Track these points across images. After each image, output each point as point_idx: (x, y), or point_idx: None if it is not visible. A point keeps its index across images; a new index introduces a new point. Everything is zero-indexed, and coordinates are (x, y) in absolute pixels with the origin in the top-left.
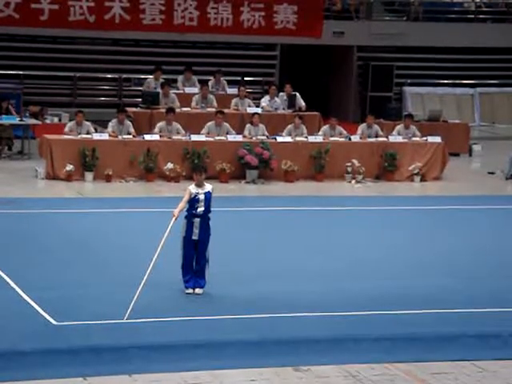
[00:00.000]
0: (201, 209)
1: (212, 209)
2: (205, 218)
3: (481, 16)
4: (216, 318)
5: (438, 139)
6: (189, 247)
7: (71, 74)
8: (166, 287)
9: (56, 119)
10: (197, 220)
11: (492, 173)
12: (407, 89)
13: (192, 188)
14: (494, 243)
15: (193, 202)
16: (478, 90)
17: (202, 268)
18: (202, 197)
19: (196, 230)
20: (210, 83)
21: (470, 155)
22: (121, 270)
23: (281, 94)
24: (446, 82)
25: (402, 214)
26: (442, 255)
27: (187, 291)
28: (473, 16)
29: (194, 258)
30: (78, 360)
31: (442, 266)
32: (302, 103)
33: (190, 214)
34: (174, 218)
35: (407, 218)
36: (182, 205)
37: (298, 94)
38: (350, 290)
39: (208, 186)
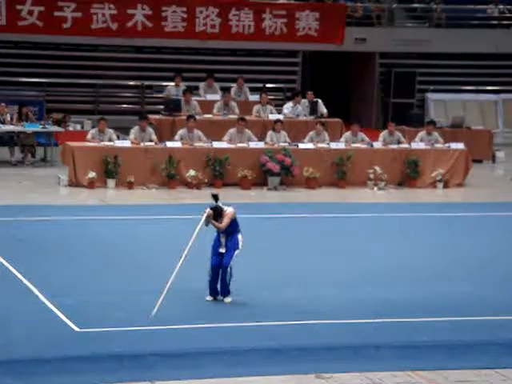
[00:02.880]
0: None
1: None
2: (229, 236)
3: (504, 22)
4: (238, 325)
5: (460, 146)
6: (215, 257)
7: (94, 81)
8: (187, 294)
9: (78, 126)
10: (222, 235)
11: None
12: (430, 95)
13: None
14: None
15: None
16: (502, 96)
17: (224, 278)
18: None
19: (223, 242)
20: (231, 90)
21: (494, 162)
22: (144, 276)
23: (303, 100)
24: (468, 88)
25: (424, 220)
26: (464, 262)
27: (207, 298)
28: (496, 22)
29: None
30: (99, 367)
31: (464, 273)
32: (324, 110)
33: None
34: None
35: (430, 225)
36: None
37: (320, 100)
38: (372, 297)
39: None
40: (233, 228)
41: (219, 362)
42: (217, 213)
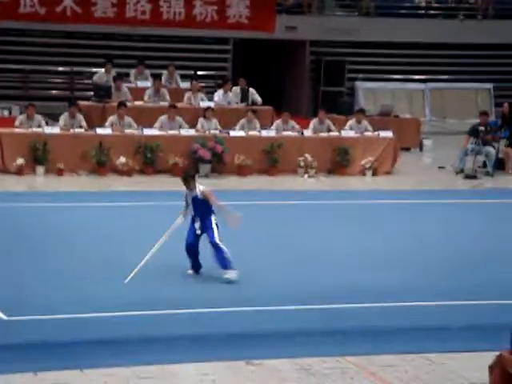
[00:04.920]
0: (191, 212)
1: (166, 203)
2: (203, 218)
3: (431, 12)
4: (168, 312)
5: (389, 134)
6: (191, 237)
7: (22, 66)
8: (120, 283)
9: (6, 112)
10: (197, 218)
11: (442, 167)
12: (359, 84)
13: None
14: (444, 237)
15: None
16: (429, 85)
17: (217, 254)
18: (189, 200)
19: (197, 226)
20: (162, 77)
21: (421, 150)
22: (73, 263)
23: (234, 88)
24: (397, 77)
25: (353, 207)
26: (391, 249)
27: (189, 271)
28: (423, 12)
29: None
30: (28, 355)
31: (391, 259)
32: (258, 98)
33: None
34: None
35: (359, 212)
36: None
37: (252, 89)
38: (303, 284)
39: (198, 189)
40: (207, 209)
41: (149, 349)
42: (186, 178)
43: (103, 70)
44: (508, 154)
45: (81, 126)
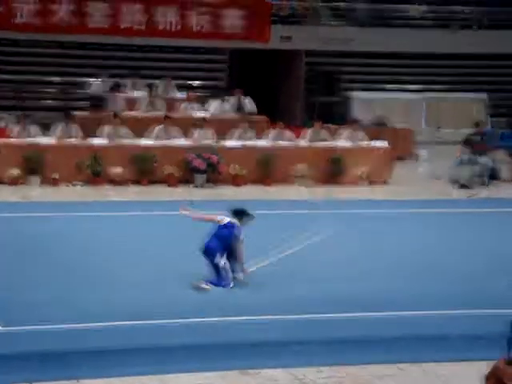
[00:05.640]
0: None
1: (161, 213)
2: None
3: (426, 22)
4: (162, 323)
5: (384, 144)
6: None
7: (16, 77)
8: (113, 292)
9: (1, 123)
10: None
11: (437, 177)
12: (354, 94)
13: (220, 217)
14: (439, 246)
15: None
16: (424, 95)
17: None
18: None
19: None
20: (158, 87)
21: (416, 160)
22: (69, 274)
23: (230, 98)
24: (392, 87)
25: (348, 217)
26: (387, 258)
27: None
28: (418, 22)
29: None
30: (24, 366)
31: (387, 268)
32: (253, 108)
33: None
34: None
35: (354, 222)
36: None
37: (248, 98)
38: (295, 294)
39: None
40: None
41: (143, 359)
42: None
43: (99, 80)
44: None
45: (76, 137)
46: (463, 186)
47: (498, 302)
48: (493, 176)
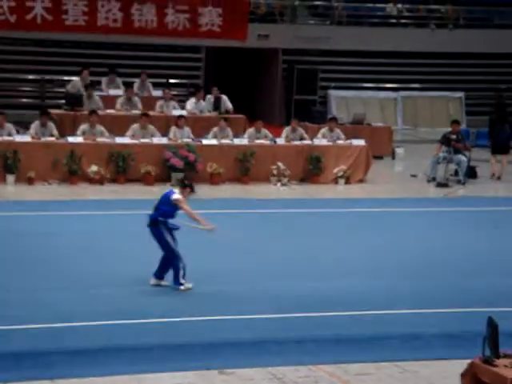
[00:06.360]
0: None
1: (137, 211)
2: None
3: (402, 21)
4: (140, 322)
5: (362, 142)
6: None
7: None
8: (91, 292)
9: None
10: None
11: (414, 175)
12: (332, 92)
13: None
14: (416, 245)
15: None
16: (401, 93)
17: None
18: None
19: None
20: (134, 85)
21: (393, 158)
22: (43, 274)
23: (208, 96)
24: (369, 85)
25: (326, 216)
26: (365, 257)
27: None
28: (395, 21)
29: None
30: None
31: (364, 267)
32: (230, 106)
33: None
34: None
35: (331, 221)
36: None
37: (225, 96)
38: (272, 292)
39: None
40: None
41: (121, 358)
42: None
43: (77, 78)
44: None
45: (52, 135)
46: (440, 185)
47: (476, 301)
48: (470, 175)
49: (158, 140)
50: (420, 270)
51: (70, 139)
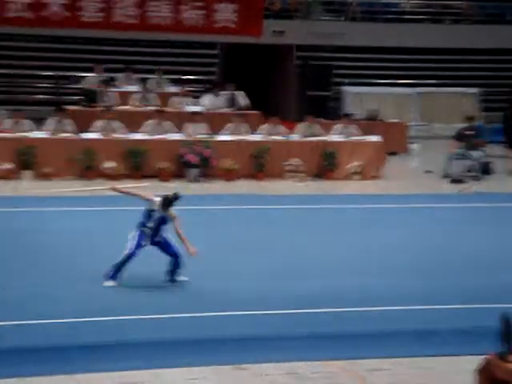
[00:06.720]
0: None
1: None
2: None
3: (417, 17)
4: (156, 317)
5: (376, 138)
6: (137, 248)
7: (9, 71)
8: (105, 286)
9: None
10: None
11: (429, 171)
12: (346, 88)
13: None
14: (431, 241)
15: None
16: (416, 89)
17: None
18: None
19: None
20: (150, 81)
21: (408, 154)
22: (61, 268)
23: (223, 92)
24: (384, 81)
25: (340, 212)
26: (378, 253)
27: (107, 283)
28: (409, 16)
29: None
30: (17, 360)
31: (378, 263)
32: (245, 102)
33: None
34: None
35: (345, 217)
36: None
37: (241, 92)
38: (288, 289)
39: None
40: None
41: (137, 354)
42: (168, 201)
43: (92, 74)
44: None
45: (68, 131)
46: (455, 181)
47: (489, 297)
48: (485, 171)
49: (174, 136)
50: (433, 266)
51: (86, 135)
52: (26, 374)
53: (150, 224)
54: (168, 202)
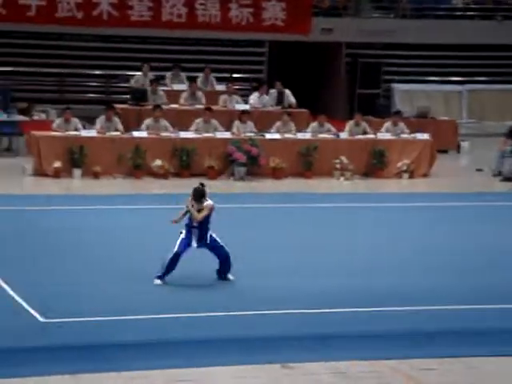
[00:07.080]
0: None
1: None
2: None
3: (468, 13)
4: (205, 315)
5: (426, 136)
6: (183, 246)
7: (59, 70)
8: (152, 284)
9: (43, 116)
10: (194, 230)
11: (480, 169)
12: (395, 86)
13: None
14: (482, 240)
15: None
16: (466, 86)
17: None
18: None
19: (193, 238)
20: (198, 80)
21: (458, 152)
22: (110, 266)
23: (271, 90)
24: (433, 78)
25: (390, 210)
26: (430, 252)
27: (157, 282)
28: (460, 13)
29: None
30: (65, 357)
31: (428, 263)
32: (293, 100)
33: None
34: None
35: (395, 215)
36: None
37: (288, 91)
38: (337, 287)
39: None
40: (207, 223)
41: (184, 352)
42: (199, 194)
43: (141, 73)
44: None
45: (117, 130)
46: (506, 179)
47: None
48: None
49: (222, 134)
50: (481, 265)
51: (135, 134)
52: (72, 370)
53: (195, 223)
54: (200, 194)
